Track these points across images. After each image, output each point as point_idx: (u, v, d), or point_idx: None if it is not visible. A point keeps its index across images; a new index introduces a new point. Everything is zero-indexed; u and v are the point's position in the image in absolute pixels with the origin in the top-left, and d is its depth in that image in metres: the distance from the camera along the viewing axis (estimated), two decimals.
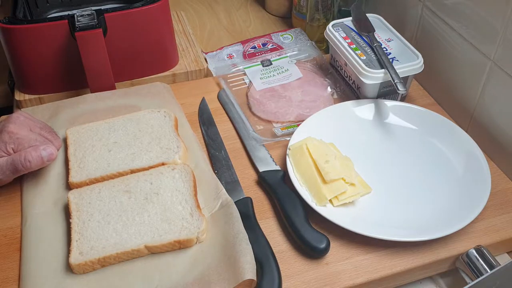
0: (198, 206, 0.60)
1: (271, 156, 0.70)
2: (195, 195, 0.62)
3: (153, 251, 0.57)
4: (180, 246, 0.57)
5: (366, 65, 0.74)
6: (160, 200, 0.61)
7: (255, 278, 0.53)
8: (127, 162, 0.66)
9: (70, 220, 0.59)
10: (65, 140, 0.70)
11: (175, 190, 0.62)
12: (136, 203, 0.60)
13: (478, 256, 0.57)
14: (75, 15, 0.74)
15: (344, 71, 0.82)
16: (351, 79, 0.80)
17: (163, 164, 0.65)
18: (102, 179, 0.64)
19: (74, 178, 0.64)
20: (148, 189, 0.62)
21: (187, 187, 0.62)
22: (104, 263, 0.56)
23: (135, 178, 0.63)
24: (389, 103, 0.76)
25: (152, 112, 0.73)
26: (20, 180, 0.67)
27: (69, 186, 0.64)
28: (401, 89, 0.70)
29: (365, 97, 0.77)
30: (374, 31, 0.82)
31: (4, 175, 0.62)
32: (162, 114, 0.72)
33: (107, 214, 0.60)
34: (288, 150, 0.68)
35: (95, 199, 0.61)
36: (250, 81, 0.83)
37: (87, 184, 0.64)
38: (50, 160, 0.63)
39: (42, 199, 0.64)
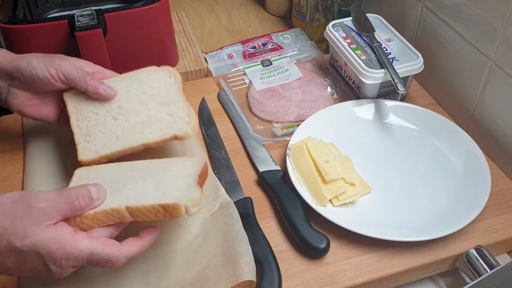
0: (200, 184, 0.54)
1: (271, 156, 0.70)
2: (201, 177, 0.55)
3: (135, 217, 0.51)
4: (166, 214, 0.50)
5: (366, 65, 0.74)
6: (162, 176, 0.55)
7: (254, 279, 0.53)
8: (137, 135, 0.60)
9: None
10: (63, 108, 0.65)
11: (182, 170, 0.56)
12: (138, 176, 0.55)
13: (478, 256, 0.57)
14: (75, 15, 0.74)
15: (344, 71, 0.82)
16: (351, 79, 0.80)
17: (175, 137, 0.60)
18: (113, 155, 0.60)
19: (83, 155, 0.60)
20: (154, 168, 0.56)
21: (194, 171, 0.55)
22: None
23: (145, 161, 0.58)
24: (389, 103, 0.76)
25: (155, 71, 0.66)
26: (20, 179, 0.67)
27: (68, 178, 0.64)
28: (401, 89, 0.70)
29: (365, 97, 0.77)
30: (374, 31, 0.82)
31: None
32: (167, 74, 0.66)
33: (103, 183, 0.53)
34: (288, 150, 0.68)
35: (96, 175, 0.57)
36: (250, 81, 0.83)
37: (97, 161, 0.59)
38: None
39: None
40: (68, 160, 0.69)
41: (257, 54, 0.93)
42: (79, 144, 0.61)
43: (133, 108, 0.62)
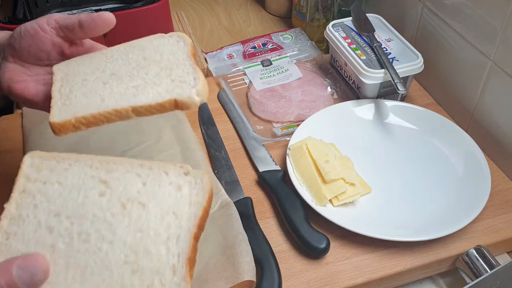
0: (192, 261, 0.40)
1: (271, 156, 0.70)
2: (197, 236, 0.41)
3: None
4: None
5: (366, 65, 0.74)
6: (142, 221, 0.41)
7: (254, 279, 0.53)
8: (127, 98, 0.49)
9: (4, 204, 0.43)
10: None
11: (172, 213, 0.42)
12: (106, 208, 0.42)
13: (478, 256, 0.57)
14: None
15: (344, 71, 0.82)
16: (351, 79, 0.80)
17: (175, 101, 0.47)
18: (94, 118, 0.47)
19: (55, 117, 0.47)
20: (133, 193, 0.43)
21: (191, 215, 0.42)
22: None
23: (126, 165, 0.45)
24: (389, 103, 0.76)
25: (161, 37, 0.55)
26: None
27: None
28: (401, 89, 0.70)
29: (365, 97, 0.77)
30: (374, 31, 0.82)
31: None
32: (175, 39, 0.54)
33: (56, 214, 0.42)
34: (288, 150, 0.68)
35: (54, 180, 0.43)
36: (250, 81, 0.83)
37: (73, 126, 0.47)
38: None
39: None
40: None
41: (257, 54, 0.93)
42: (54, 106, 0.49)
43: (129, 73, 0.51)
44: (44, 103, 0.53)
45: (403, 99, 0.80)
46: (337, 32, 0.82)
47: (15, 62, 0.54)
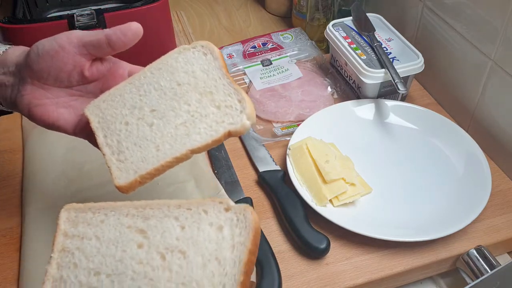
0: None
1: (271, 156, 0.70)
2: (244, 283, 0.37)
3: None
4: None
5: (366, 65, 0.74)
6: (183, 273, 0.38)
7: (254, 279, 0.53)
8: (181, 140, 0.46)
9: (46, 266, 0.42)
10: (86, 125, 0.51)
11: (215, 259, 0.38)
12: (146, 261, 0.40)
13: (478, 256, 0.57)
14: (75, 15, 0.74)
15: (345, 70, 0.81)
16: (352, 79, 0.80)
17: (229, 132, 0.45)
18: (157, 171, 0.46)
19: (119, 179, 0.46)
20: (172, 240, 0.40)
21: (236, 259, 0.38)
22: None
23: (161, 213, 0.42)
24: (389, 103, 0.76)
25: (185, 50, 0.51)
26: (20, 179, 0.67)
27: (69, 179, 0.61)
28: (401, 88, 0.70)
29: (366, 97, 0.77)
30: (375, 30, 0.81)
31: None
32: (201, 52, 0.50)
33: (96, 273, 0.41)
34: (288, 150, 0.68)
35: (91, 234, 0.43)
36: (250, 81, 0.83)
37: (139, 183, 0.46)
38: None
39: (43, 195, 0.63)
40: (68, 160, 0.69)
41: (257, 53, 0.93)
42: (112, 165, 0.47)
43: (169, 107, 0.48)
44: (72, 127, 0.51)
45: (403, 99, 0.80)
46: (337, 32, 0.82)
47: (33, 84, 0.50)
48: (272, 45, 0.95)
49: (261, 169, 0.68)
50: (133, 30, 0.50)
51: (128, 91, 0.50)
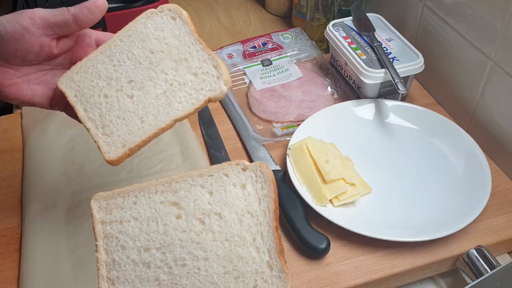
0: (281, 251, 0.42)
1: (271, 156, 0.70)
2: (277, 227, 0.43)
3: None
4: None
5: (366, 65, 0.74)
6: (223, 229, 0.43)
7: None
8: (164, 110, 0.48)
9: (96, 254, 0.44)
10: (62, 97, 0.51)
11: (247, 213, 0.43)
12: (188, 228, 0.43)
13: (478, 256, 0.57)
14: None
15: (345, 70, 0.81)
16: (352, 79, 0.80)
17: (209, 99, 0.48)
18: (144, 142, 0.48)
19: (109, 153, 0.48)
20: (206, 205, 0.44)
21: (266, 209, 0.44)
22: None
23: (188, 183, 0.46)
24: (389, 103, 0.76)
25: (152, 15, 0.51)
26: (20, 179, 0.67)
27: (68, 179, 0.62)
28: (401, 89, 0.70)
29: (366, 97, 0.77)
30: (375, 30, 0.81)
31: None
32: (169, 16, 0.51)
33: (146, 249, 0.43)
34: (288, 150, 0.68)
35: (128, 216, 0.45)
36: (250, 81, 0.83)
37: (128, 155, 0.48)
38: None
39: (43, 195, 0.63)
40: (68, 160, 0.69)
41: (257, 53, 0.93)
42: (99, 140, 0.48)
43: (147, 76, 0.49)
44: (47, 102, 0.52)
45: (403, 99, 0.80)
46: (337, 32, 0.82)
47: (1, 65, 0.50)
48: (272, 45, 0.95)
49: None
50: (99, 6, 0.49)
51: (100, 61, 0.50)
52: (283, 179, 0.65)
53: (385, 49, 0.77)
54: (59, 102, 0.51)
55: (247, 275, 0.41)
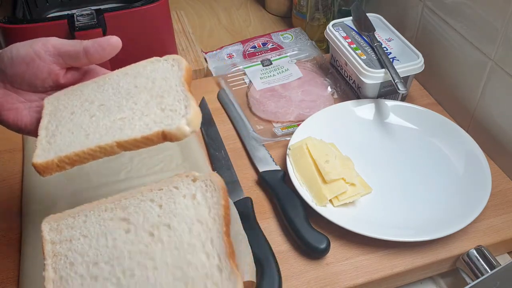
0: (231, 253, 0.42)
1: (271, 156, 0.70)
2: (227, 232, 0.43)
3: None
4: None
5: (366, 65, 0.74)
6: (173, 239, 0.42)
7: (254, 279, 0.53)
8: (113, 132, 0.45)
9: (43, 273, 0.43)
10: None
11: (197, 221, 0.43)
12: (137, 241, 0.43)
13: (478, 256, 0.57)
14: (75, 15, 0.73)
15: (345, 70, 0.81)
16: (352, 79, 0.80)
17: (163, 133, 0.43)
18: (78, 157, 0.45)
19: (38, 157, 0.45)
20: (155, 218, 0.44)
21: (215, 216, 0.43)
22: None
23: (137, 197, 0.46)
24: (389, 103, 0.76)
25: (156, 61, 0.51)
26: (20, 179, 0.67)
27: (67, 180, 0.61)
28: (401, 89, 0.70)
29: (366, 97, 0.77)
30: (375, 30, 0.81)
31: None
32: (170, 63, 0.51)
33: (94, 264, 0.42)
34: (288, 150, 0.68)
35: (77, 234, 0.44)
36: (250, 81, 0.83)
37: (57, 166, 0.45)
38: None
39: (43, 195, 0.63)
40: None
41: (257, 53, 0.93)
42: (39, 145, 0.46)
43: (117, 103, 0.48)
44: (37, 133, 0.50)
45: (403, 99, 0.80)
46: (337, 32, 0.82)
47: (6, 88, 0.50)
48: (272, 45, 0.95)
49: (261, 169, 0.68)
50: (112, 44, 0.50)
51: (90, 88, 0.50)
52: (283, 179, 0.65)
53: (385, 49, 0.77)
54: None
55: (197, 280, 0.41)
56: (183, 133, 0.43)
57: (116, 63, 0.78)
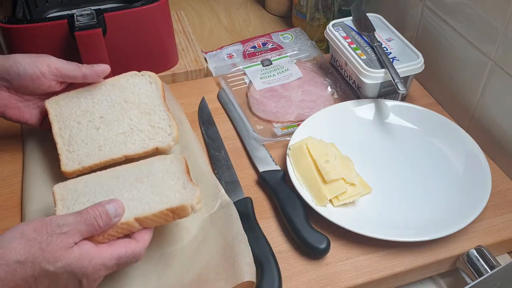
0: (191, 180, 0.56)
1: (271, 156, 0.70)
2: (187, 172, 0.57)
3: (144, 225, 0.52)
4: (174, 216, 0.53)
5: (366, 65, 0.74)
6: (151, 180, 0.56)
7: (254, 280, 0.53)
8: (119, 146, 0.62)
9: (54, 208, 0.54)
10: (45, 113, 0.66)
11: (166, 171, 0.57)
12: (125, 183, 0.56)
13: (478, 256, 0.57)
14: (75, 15, 0.73)
15: (345, 70, 0.81)
16: (352, 79, 0.80)
17: (157, 148, 0.63)
18: (96, 166, 0.61)
19: (66, 166, 0.61)
20: (137, 173, 0.57)
21: (178, 168, 0.57)
22: None
23: (124, 167, 0.58)
24: (389, 103, 0.76)
25: (135, 75, 0.68)
26: (20, 179, 0.67)
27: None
28: (401, 88, 0.70)
29: (366, 97, 0.77)
30: (375, 30, 0.81)
31: None
32: (147, 79, 0.68)
33: (93, 196, 0.55)
34: (288, 150, 0.68)
35: (81, 187, 0.56)
36: (250, 81, 0.83)
37: (80, 171, 0.61)
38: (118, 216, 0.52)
39: (43, 195, 0.63)
40: None
41: (257, 53, 0.93)
42: (62, 154, 0.62)
43: (115, 118, 0.64)
44: (38, 124, 0.67)
45: (403, 99, 0.80)
46: (337, 32, 0.82)
47: (10, 92, 0.63)
48: (272, 45, 0.95)
49: (261, 169, 0.68)
50: (106, 72, 0.65)
51: (84, 96, 0.66)
52: (283, 179, 0.65)
53: (385, 49, 0.77)
54: (46, 123, 0.66)
55: (167, 192, 0.54)
56: (171, 148, 0.63)
57: (116, 63, 0.78)
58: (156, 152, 0.63)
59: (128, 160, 0.62)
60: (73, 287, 0.47)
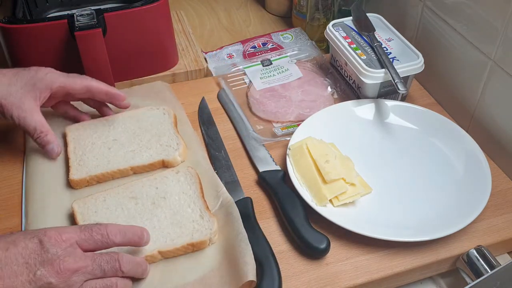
0: (207, 208, 0.60)
1: (271, 156, 0.70)
2: (202, 196, 0.61)
3: (166, 256, 0.56)
4: (194, 248, 0.56)
5: (366, 65, 0.74)
6: (168, 204, 0.60)
7: (255, 279, 0.53)
8: (127, 159, 0.66)
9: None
10: (64, 138, 0.70)
11: (182, 193, 0.61)
12: (144, 208, 0.60)
13: (478, 256, 0.57)
14: (75, 15, 0.73)
15: (345, 70, 0.81)
16: (352, 79, 0.80)
17: (163, 161, 0.66)
18: (102, 176, 0.65)
19: (74, 175, 0.64)
20: (154, 194, 0.61)
21: (193, 189, 0.62)
22: None
23: (140, 184, 0.62)
24: (389, 103, 0.76)
25: (151, 109, 0.74)
26: (20, 179, 0.67)
27: (68, 184, 0.64)
28: (401, 88, 0.70)
29: (366, 97, 0.77)
30: (375, 30, 0.81)
31: None
32: (161, 111, 0.73)
33: (115, 222, 0.57)
34: (288, 150, 0.68)
35: (101, 208, 0.60)
36: (250, 81, 0.83)
37: (87, 182, 0.64)
38: None
39: (42, 198, 0.63)
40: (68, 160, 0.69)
41: (257, 53, 0.93)
42: (72, 166, 0.65)
43: (127, 140, 0.69)
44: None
45: (403, 99, 0.80)
46: (337, 32, 0.82)
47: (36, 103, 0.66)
48: (272, 45, 0.95)
49: (261, 169, 0.68)
50: (47, 151, 0.67)
51: (102, 124, 0.72)
52: (283, 179, 0.65)
53: (385, 49, 0.77)
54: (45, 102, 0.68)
55: (186, 223, 0.58)
56: (177, 162, 0.67)
57: (116, 63, 0.78)
58: (162, 164, 0.67)
59: (134, 171, 0.66)
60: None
